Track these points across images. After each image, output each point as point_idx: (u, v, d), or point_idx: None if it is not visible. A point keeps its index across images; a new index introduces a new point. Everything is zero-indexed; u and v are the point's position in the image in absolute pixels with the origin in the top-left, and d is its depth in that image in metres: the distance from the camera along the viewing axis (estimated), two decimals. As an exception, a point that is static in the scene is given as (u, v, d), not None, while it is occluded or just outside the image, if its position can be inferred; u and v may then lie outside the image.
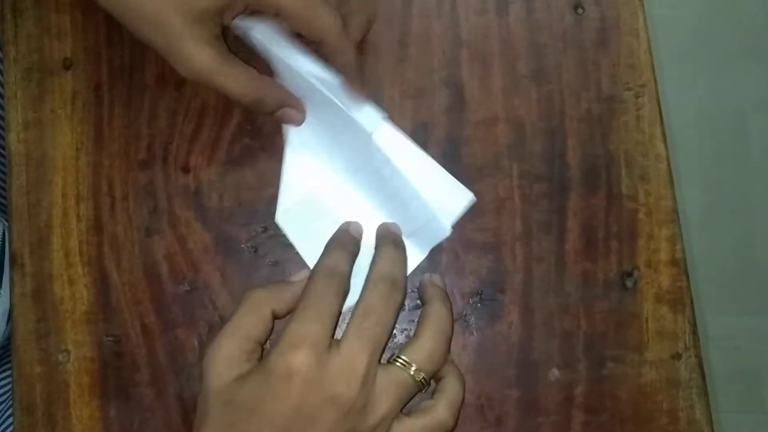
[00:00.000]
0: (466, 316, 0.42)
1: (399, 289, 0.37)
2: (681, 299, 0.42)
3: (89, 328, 0.42)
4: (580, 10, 0.45)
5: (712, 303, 1.14)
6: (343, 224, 0.42)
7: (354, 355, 0.35)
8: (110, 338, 0.42)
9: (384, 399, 0.35)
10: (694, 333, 0.42)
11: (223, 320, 0.42)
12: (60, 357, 0.42)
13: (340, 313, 0.37)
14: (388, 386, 0.35)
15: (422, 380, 0.36)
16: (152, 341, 0.42)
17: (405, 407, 0.37)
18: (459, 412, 0.38)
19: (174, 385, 0.42)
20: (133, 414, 0.41)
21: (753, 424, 1.10)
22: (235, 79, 0.39)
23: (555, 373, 0.41)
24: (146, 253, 0.43)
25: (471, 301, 0.42)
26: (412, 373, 0.36)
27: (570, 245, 0.43)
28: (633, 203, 0.43)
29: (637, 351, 0.41)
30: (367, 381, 0.35)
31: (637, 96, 0.44)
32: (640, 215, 0.43)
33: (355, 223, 0.42)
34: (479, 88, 0.44)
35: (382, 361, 0.36)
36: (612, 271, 0.42)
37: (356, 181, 0.43)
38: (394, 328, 0.37)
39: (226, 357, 0.36)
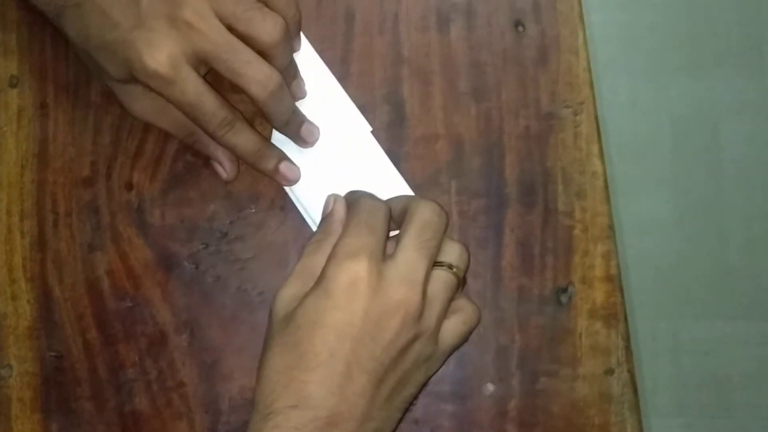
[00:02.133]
0: (403, 331, 0.43)
1: (444, 212, 0.39)
2: (615, 315, 0.43)
3: (32, 343, 0.43)
4: (520, 28, 0.45)
5: (683, 308, 1.15)
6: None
7: (413, 263, 0.36)
8: (53, 353, 0.43)
9: (438, 301, 0.37)
10: (627, 348, 0.42)
11: (164, 335, 0.43)
12: (2, 372, 0.42)
13: (389, 233, 0.38)
14: (439, 288, 0.37)
15: (462, 278, 0.39)
16: (93, 356, 0.43)
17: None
18: None
19: (115, 400, 0.42)
20: (75, 428, 0.42)
21: (722, 429, 1.11)
22: (173, 125, 0.42)
23: (489, 387, 0.42)
24: (89, 269, 0.43)
25: (409, 317, 0.43)
26: (454, 272, 0.38)
27: (506, 261, 0.43)
28: (569, 219, 0.43)
29: (570, 366, 0.42)
30: (425, 288, 0.36)
31: (575, 113, 0.44)
32: (576, 231, 0.43)
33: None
34: (419, 105, 0.45)
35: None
36: (547, 287, 0.43)
37: (336, 179, 0.43)
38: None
39: (290, 293, 0.37)
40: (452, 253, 0.39)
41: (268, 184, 0.44)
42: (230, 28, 0.38)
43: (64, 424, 0.42)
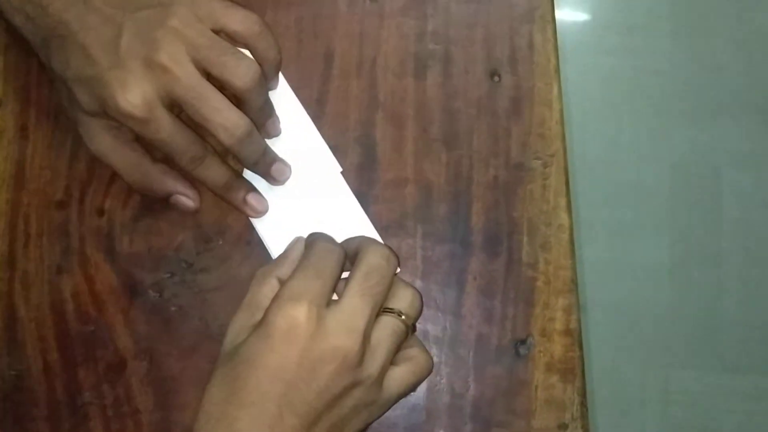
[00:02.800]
0: (359, 372, 0.43)
1: (394, 257, 0.39)
2: (572, 369, 0.42)
3: (-7, 361, 0.43)
4: (496, 78, 0.46)
5: (673, 356, 1.14)
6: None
7: (355, 310, 0.36)
8: (13, 372, 0.43)
9: (382, 348, 0.37)
10: (583, 404, 0.42)
11: (123, 361, 0.43)
12: (-37, 387, 0.43)
13: (339, 277, 0.38)
14: (384, 335, 0.37)
15: (411, 325, 0.39)
16: (53, 378, 0.43)
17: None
18: None
19: (69, 422, 0.43)
20: (28, 449, 0.42)
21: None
22: (124, 165, 0.42)
23: (440, 435, 0.42)
24: (55, 291, 0.44)
25: (366, 358, 0.43)
26: (403, 318, 0.38)
27: (467, 308, 0.43)
28: (532, 271, 0.44)
29: (524, 418, 0.42)
30: (367, 335, 0.36)
31: (545, 165, 0.45)
32: (539, 283, 0.43)
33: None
34: (391, 148, 0.45)
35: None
36: (506, 338, 0.43)
37: (304, 218, 0.44)
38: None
39: (238, 327, 0.38)
40: (403, 299, 0.39)
41: (237, 218, 0.44)
42: (206, 72, 0.39)
43: (18, 444, 0.42)
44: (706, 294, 1.16)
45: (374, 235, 0.44)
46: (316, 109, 0.46)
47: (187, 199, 0.43)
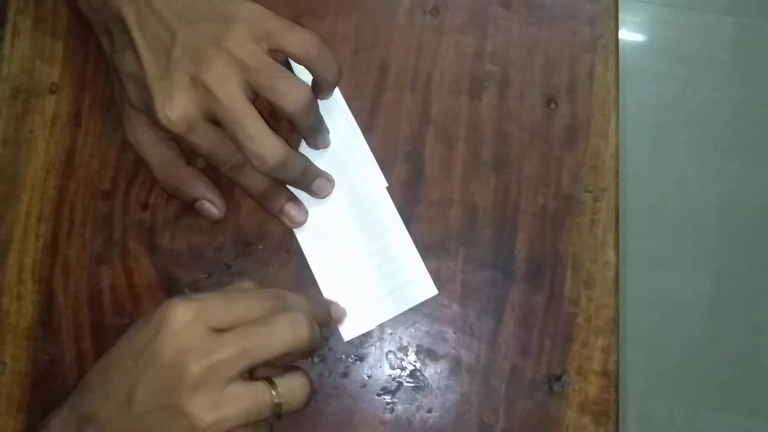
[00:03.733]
0: (388, 393, 0.42)
1: (304, 334, 0.36)
2: (606, 412, 0.41)
3: (28, 344, 0.44)
4: (553, 105, 0.45)
5: (703, 397, 1.11)
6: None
7: (223, 343, 0.34)
8: (46, 357, 0.44)
9: (232, 403, 0.34)
10: (614, 449, 0.41)
11: (154, 357, 0.43)
12: (-4, 367, 0.44)
13: (250, 318, 0.36)
14: (243, 394, 0.34)
15: (278, 408, 0.35)
16: (85, 366, 0.43)
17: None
18: None
19: (96, 413, 0.43)
20: (54, 434, 0.43)
21: None
22: (158, 163, 0.42)
23: (465, 465, 0.41)
24: (93, 280, 0.44)
25: (396, 378, 0.42)
26: (273, 394, 0.35)
27: (503, 338, 0.42)
28: (573, 307, 0.42)
29: (551, 457, 0.41)
30: (219, 374, 0.34)
31: (595, 199, 0.44)
32: (579, 320, 0.42)
33: (336, 306, 0.43)
34: (439, 167, 0.44)
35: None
36: (541, 372, 0.42)
37: (346, 230, 0.44)
38: (271, 362, 0.36)
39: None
40: (291, 381, 0.36)
41: (278, 223, 0.44)
42: (255, 93, 0.39)
43: (44, 429, 0.43)
44: (744, 335, 1.13)
45: (414, 253, 0.43)
46: (367, 121, 0.45)
47: (212, 206, 0.43)
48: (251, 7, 0.39)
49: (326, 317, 0.41)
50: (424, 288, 0.43)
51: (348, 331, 0.43)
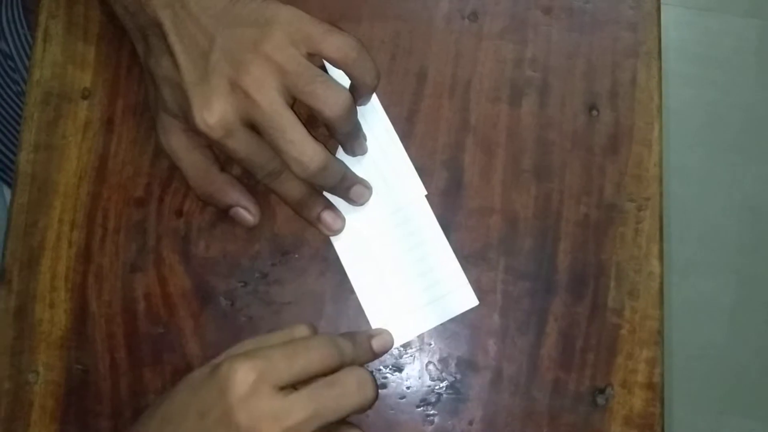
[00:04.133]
0: (428, 404, 0.41)
1: (371, 395, 0.37)
2: (651, 426, 0.41)
3: (61, 353, 0.43)
4: (594, 112, 0.44)
5: (725, 402, 1.10)
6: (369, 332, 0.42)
7: (295, 407, 0.35)
8: (79, 366, 0.43)
9: None
10: (659, 464, 0.40)
11: (190, 367, 0.42)
12: (29, 377, 0.43)
13: (313, 374, 0.36)
14: None
15: None
16: (118, 376, 0.43)
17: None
18: None
19: (132, 422, 0.42)
20: (88, 445, 0.42)
21: None
22: (192, 169, 0.41)
23: (507, 480, 0.40)
24: (127, 288, 0.43)
25: (436, 390, 0.42)
26: None
27: (545, 350, 0.42)
28: (617, 318, 0.42)
29: (596, 472, 0.40)
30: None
31: (639, 209, 0.43)
32: (623, 332, 0.42)
33: (380, 337, 0.42)
34: (479, 175, 0.44)
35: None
36: (584, 385, 0.41)
37: (384, 239, 0.43)
38: (340, 420, 0.36)
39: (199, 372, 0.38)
40: None
41: (315, 232, 0.43)
42: (294, 98, 0.38)
43: (78, 440, 0.42)
44: (765, 339, 1.12)
45: (455, 263, 0.42)
46: (405, 128, 0.44)
47: (247, 213, 0.43)
48: (289, 10, 0.39)
49: (369, 357, 0.41)
50: (465, 298, 0.42)
51: None
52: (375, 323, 0.42)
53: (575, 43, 0.45)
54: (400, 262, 0.43)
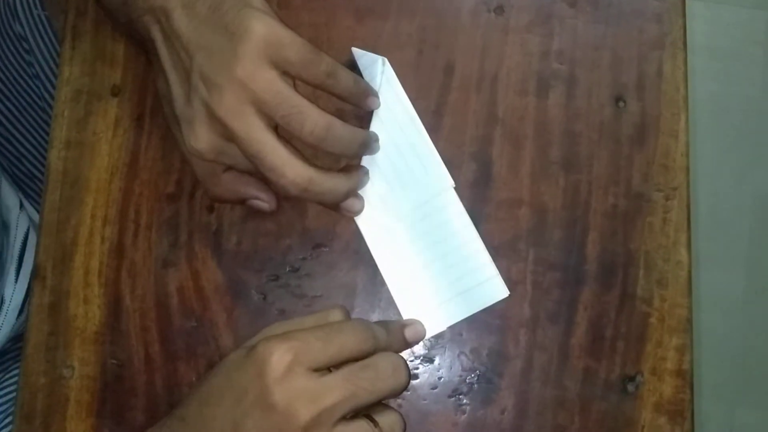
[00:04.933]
0: (460, 394, 0.42)
1: (404, 379, 0.37)
2: (681, 412, 0.41)
3: (96, 348, 0.44)
4: (621, 104, 0.44)
5: (742, 393, 1.10)
6: (402, 322, 0.42)
7: (330, 387, 0.35)
8: (114, 361, 0.43)
9: None
10: (691, 450, 0.41)
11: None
12: (65, 372, 0.43)
13: (346, 358, 0.37)
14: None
15: None
16: (153, 370, 0.43)
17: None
18: None
19: (166, 415, 0.43)
20: (124, 438, 0.43)
21: None
22: (199, 173, 0.41)
23: (541, 467, 0.41)
24: (160, 283, 0.44)
25: (468, 380, 0.42)
26: (376, 431, 0.36)
27: (575, 339, 0.42)
28: (646, 306, 0.42)
29: (628, 459, 0.41)
30: (328, 419, 0.34)
31: (667, 198, 0.43)
32: (652, 320, 0.42)
33: (412, 326, 0.42)
34: (507, 167, 0.44)
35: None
36: (614, 373, 0.42)
37: (414, 231, 0.43)
38: (376, 403, 0.37)
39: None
40: (388, 417, 0.37)
41: (345, 225, 0.44)
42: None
43: (114, 433, 0.43)
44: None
45: (485, 254, 0.43)
46: (432, 121, 0.45)
47: (260, 201, 0.42)
48: (264, 23, 0.36)
49: (401, 345, 0.41)
50: (496, 289, 0.42)
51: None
52: (407, 315, 0.43)
53: (601, 35, 0.45)
54: (431, 254, 0.43)
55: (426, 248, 0.43)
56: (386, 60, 0.44)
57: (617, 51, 0.45)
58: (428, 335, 0.42)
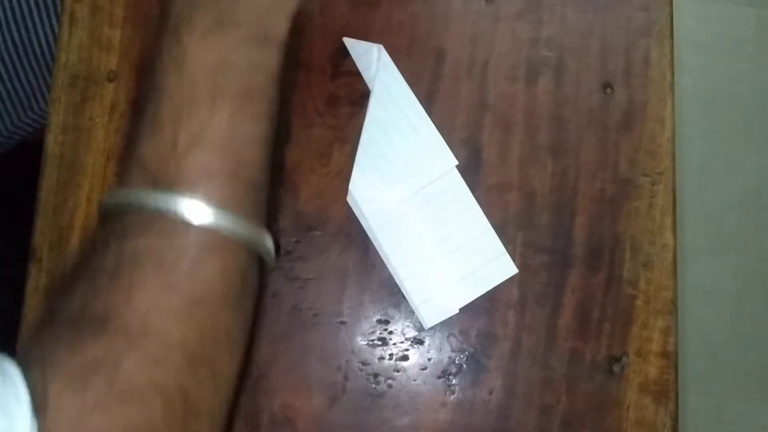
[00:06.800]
0: (449, 375, 0.43)
1: None
2: (666, 392, 0.42)
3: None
4: (609, 90, 0.45)
5: (732, 386, 1.11)
6: None
7: None
8: (109, 341, 0.44)
9: None
10: (674, 428, 0.42)
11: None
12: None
13: None
14: None
15: None
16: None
17: None
18: None
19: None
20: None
21: None
22: None
23: (528, 446, 0.42)
24: (155, 265, 0.44)
25: (457, 361, 0.43)
26: None
27: (562, 321, 0.43)
28: (632, 289, 0.43)
29: (613, 437, 0.41)
30: None
31: (653, 183, 0.44)
32: (638, 302, 0.43)
33: None
34: (497, 153, 0.45)
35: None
36: (600, 354, 0.42)
37: (420, 213, 0.44)
38: None
39: None
40: None
41: (339, 208, 0.44)
42: None
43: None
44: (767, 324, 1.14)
45: (491, 233, 0.43)
46: (424, 107, 0.45)
47: None
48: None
49: None
50: (505, 267, 0.43)
51: (431, 318, 0.43)
52: (417, 299, 0.43)
53: (589, 23, 0.46)
54: (438, 236, 0.44)
55: (432, 231, 0.44)
56: (382, 47, 0.45)
57: (605, 38, 0.46)
58: (441, 318, 0.43)
